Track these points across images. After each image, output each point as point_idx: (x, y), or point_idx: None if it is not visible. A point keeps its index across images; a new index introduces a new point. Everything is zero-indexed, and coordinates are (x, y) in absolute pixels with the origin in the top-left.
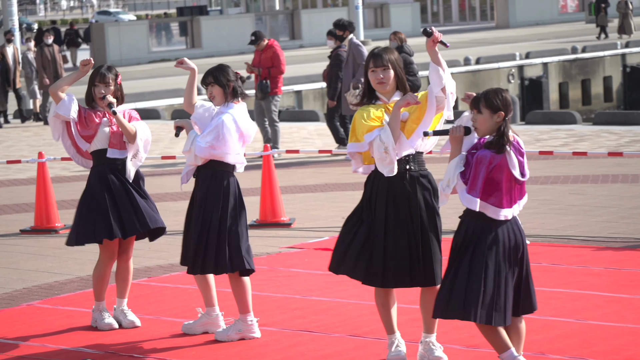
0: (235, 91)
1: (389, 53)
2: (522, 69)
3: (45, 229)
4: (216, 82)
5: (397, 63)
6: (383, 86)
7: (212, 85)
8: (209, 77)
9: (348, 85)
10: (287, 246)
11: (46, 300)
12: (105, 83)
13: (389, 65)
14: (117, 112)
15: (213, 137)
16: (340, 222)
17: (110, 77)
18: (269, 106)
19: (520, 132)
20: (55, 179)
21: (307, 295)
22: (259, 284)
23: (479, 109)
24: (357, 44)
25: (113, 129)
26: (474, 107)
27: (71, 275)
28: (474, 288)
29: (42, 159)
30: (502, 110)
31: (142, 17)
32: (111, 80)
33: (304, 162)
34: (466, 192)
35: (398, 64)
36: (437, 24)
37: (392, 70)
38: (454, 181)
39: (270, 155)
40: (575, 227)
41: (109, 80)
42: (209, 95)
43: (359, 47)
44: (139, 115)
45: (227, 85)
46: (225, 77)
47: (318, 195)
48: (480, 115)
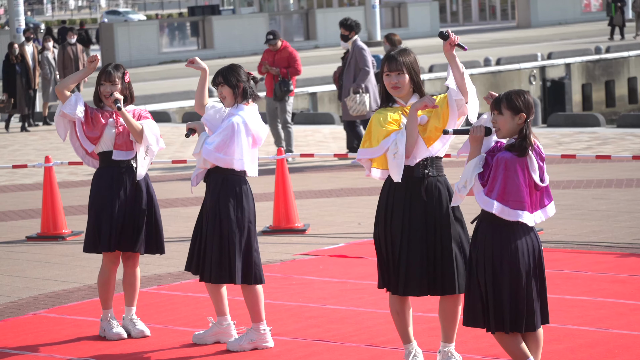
0: (246, 92)
1: (404, 56)
2: (544, 69)
3: (52, 235)
4: (226, 83)
5: (413, 66)
6: (398, 91)
7: (222, 86)
8: (219, 77)
9: (348, 90)
10: (301, 253)
11: (53, 309)
12: (112, 81)
13: (403, 69)
14: (123, 109)
15: (221, 140)
16: (356, 228)
17: (116, 76)
18: (284, 107)
19: (542, 134)
20: (63, 184)
21: (322, 303)
22: (272, 292)
23: (500, 110)
24: (361, 47)
25: (119, 129)
26: (494, 108)
27: (79, 283)
28: (496, 297)
29: (49, 164)
30: (523, 112)
31: (152, 17)
32: (117, 78)
33: (318, 167)
34: (484, 193)
35: (413, 67)
36: (456, 24)
37: (407, 75)
38: (471, 182)
39: (284, 159)
40: (599, 233)
41: (115, 78)
42: (220, 96)
43: (362, 50)
44: (150, 115)
45: (237, 86)
46: (235, 77)
47: (333, 201)
48: (501, 116)
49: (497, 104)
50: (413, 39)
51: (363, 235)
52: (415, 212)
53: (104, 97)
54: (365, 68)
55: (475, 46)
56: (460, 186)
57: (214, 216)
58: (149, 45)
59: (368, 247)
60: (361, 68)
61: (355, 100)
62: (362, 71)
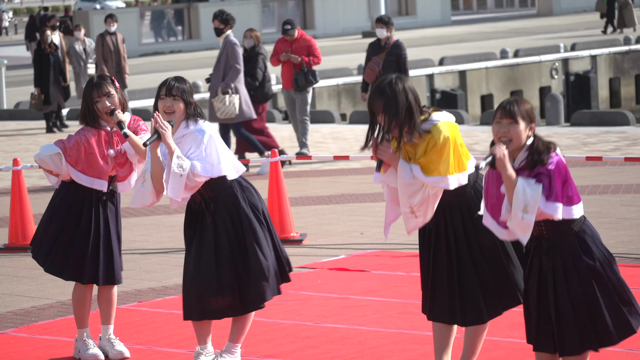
0: (197, 112)
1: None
2: (567, 62)
3: (20, 246)
4: (182, 98)
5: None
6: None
7: (176, 99)
8: (174, 90)
9: (216, 90)
10: (297, 266)
11: (22, 328)
12: (107, 94)
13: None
14: (130, 133)
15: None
16: (358, 238)
17: (107, 86)
18: (305, 99)
19: (565, 134)
20: (33, 189)
21: (320, 322)
22: (265, 310)
23: (515, 119)
24: (234, 42)
25: (119, 154)
26: (507, 117)
27: (50, 299)
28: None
29: (18, 167)
30: (534, 122)
31: (132, 4)
32: (111, 88)
33: (317, 170)
34: (546, 200)
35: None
36: (470, 12)
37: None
38: (536, 203)
39: (279, 162)
40: (628, 244)
41: (110, 89)
42: (167, 109)
43: (235, 46)
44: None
45: (190, 104)
46: (190, 94)
47: (333, 208)
48: (515, 125)
49: (510, 113)
50: (421, 28)
51: (366, 246)
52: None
53: (105, 114)
54: (236, 66)
55: (492, 36)
56: (518, 211)
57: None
58: (128, 36)
59: (371, 259)
60: (232, 66)
61: (223, 101)
62: (233, 69)
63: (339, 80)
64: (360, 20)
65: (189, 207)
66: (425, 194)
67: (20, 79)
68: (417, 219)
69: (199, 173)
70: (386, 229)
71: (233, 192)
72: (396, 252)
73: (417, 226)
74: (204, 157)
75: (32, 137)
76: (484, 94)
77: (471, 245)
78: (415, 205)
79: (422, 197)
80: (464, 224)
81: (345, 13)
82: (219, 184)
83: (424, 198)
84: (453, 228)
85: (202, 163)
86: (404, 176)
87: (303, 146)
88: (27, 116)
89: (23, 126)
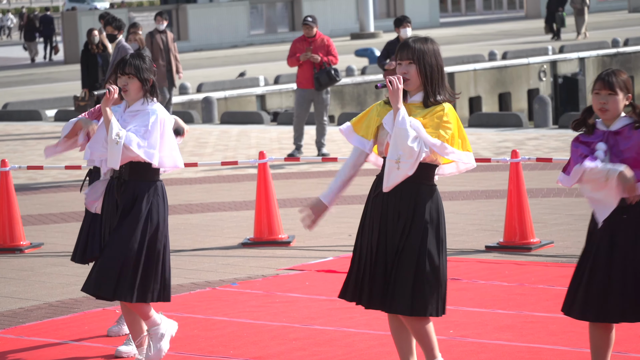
0: (154, 89)
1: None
2: (556, 64)
3: (8, 247)
4: (136, 75)
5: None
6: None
7: (130, 77)
8: (129, 67)
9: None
10: (285, 267)
11: (9, 330)
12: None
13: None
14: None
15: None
16: (346, 239)
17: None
18: (324, 100)
19: (553, 136)
20: (20, 190)
21: (308, 323)
22: (253, 311)
23: (614, 89)
24: (127, 47)
25: None
26: (607, 88)
27: (38, 300)
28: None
29: (5, 168)
30: (630, 92)
31: (118, 5)
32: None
33: (305, 172)
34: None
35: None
36: (458, 14)
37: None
38: (615, 171)
39: (266, 164)
40: None
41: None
42: (122, 87)
43: (128, 51)
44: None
45: (147, 81)
46: (147, 70)
47: None
48: (613, 96)
49: (609, 84)
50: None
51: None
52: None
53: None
54: None
55: (480, 38)
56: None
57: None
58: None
59: None
60: None
61: None
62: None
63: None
64: (348, 22)
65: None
66: (417, 146)
67: (7, 79)
68: (398, 171)
69: (130, 146)
70: None
71: (154, 187)
72: None
73: (396, 181)
74: (142, 134)
75: (21, 139)
76: (472, 96)
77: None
78: (403, 155)
79: (411, 149)
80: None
81: (333, 15)
82: (143, 170)
83: (412, 150)
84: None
85: (139, 139)
86: (401, 121)
87: (322, 147)
88: (14, 117)
89: (11, 127)
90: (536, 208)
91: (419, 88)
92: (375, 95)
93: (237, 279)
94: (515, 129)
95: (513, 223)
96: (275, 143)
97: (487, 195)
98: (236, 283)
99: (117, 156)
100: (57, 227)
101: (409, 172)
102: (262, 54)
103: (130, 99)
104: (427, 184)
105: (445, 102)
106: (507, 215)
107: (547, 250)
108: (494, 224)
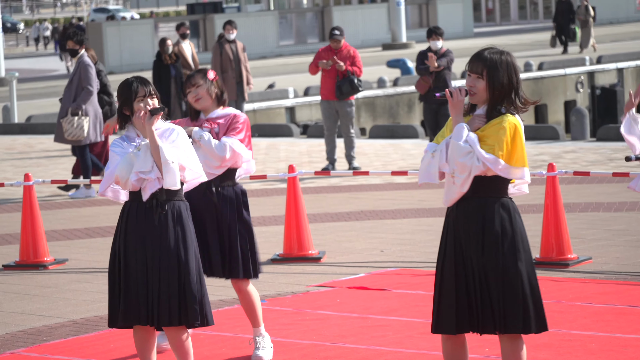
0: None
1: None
2: (593, 75)
3: (31, 263)
4: (156, 95)
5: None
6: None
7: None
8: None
9: (66, 110)
10: (315, 284)
11: (33, 348)
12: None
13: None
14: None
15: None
16: (378, 255)
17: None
18: (347, 112)
19: (591, 149)
20: (44, 205)
21: (339, 342)
22: (283, 329)
23: None
24: (88, 63)
25: None
26: None
27: (62, 318)
28: None
29: (29, 182)
30: None
31: (147, 15)
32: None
33: (335, 186)
34: None
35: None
36: (493, 24)
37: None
38: None
39: (296, 178)
40: None
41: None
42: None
43: (89, 67)
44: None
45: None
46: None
47: (352, 225)
48: None
49: None
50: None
51: (386, 265)
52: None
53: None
54: (88, 87)
55: (514, 49)
56: None
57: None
58: (142, 48)
59: (391, 278)
60: (84, 87)
61: (72, 122)
62: (85, 91)
63: (358, 94)
64: (380, 33)
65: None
66: (469, 162)
67: (32, 92)
68: (454, 185)
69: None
70: None
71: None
72: (417, 270)
73: (453, 197)
74: (187, 154)
75: (44, 151)
76: None
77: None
78: (457, 170)
79: (463, 165)
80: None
81: (364, 25)
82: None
83: (464, 166)
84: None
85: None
86: (457, 135)
87: (352, 160)
88: (38, 130)
89: (35, 140)
90: (574, 223)
91: (486, 101)
92: (408, 107)
93: (266, 295)
94: (552, 142)
95: (550, 238)
96: (305, 156)
97: (523, 210)
98: (265, 300)
99: (176, 176)
100: (82, 242)
101: (462, 188)
102: (292, 65)
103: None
104: (494, 197)
105: (510, 113)
106: (544, 230)
107: (585, 266)
108: (531, 240)
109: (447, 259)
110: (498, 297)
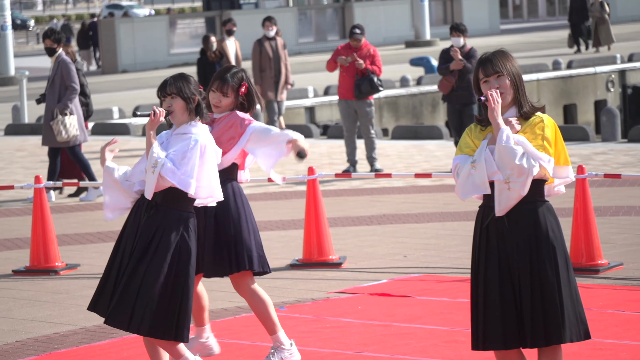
0: (200, 108)
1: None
2: (624, 74)
3: (42, 269)
4: (179, 94)
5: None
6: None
7: (173, 97)
8: (170, 87)
9: (52, 112)
10: (336, 291)
11: (44, 356)
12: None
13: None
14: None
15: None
16: (401, 261)
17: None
18: (366, 111)
19: (622, 151)
20: (55, 208)
21: (361, 350)
22: (303, 337)
23: None
24: (68, 61)
25: None
26: None
27: (74, 325)
28: None
29: (40, 185)
30: None
31: (162, 11)
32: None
33: (357, 189)
34: None
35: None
36: (520, 20)
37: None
38: None
39: (316, 180)
40: None
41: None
42: (167, 109)
43: (70, 65)
44: None
45: (191, 99)
46: (189, 88)
47: (374, 229)
48: None
49: None
50: (469, 37)
51: (409, 270)
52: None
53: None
54: (73, 85)
55: (543, 46)
56: None
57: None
58: (156, 46)
59: (415, 284)
60: (68, 85)
61: (64, 123)
62: (70, 89)
63: (381, 93)
64: (403, 30)
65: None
66: (527, 163)
67: (42, 91)
68: (509, 191)
69: (166, 176)
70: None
71: (185, 218)
72: (441, 276)
73: (510, 203)
74: (178, 160)
75: None
76: None
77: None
78: (512, 174)
79: (520, 167)
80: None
81: (387, 22)
82: (176, 198)
83: (522, 168)
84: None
85: (175, 167)
86: (503, 138)
87: (374, 161)
88: None
89: None
90: (604, 227)
91: (513, 102)
92: (432, 107)
93: (286, 302)
94: (582, 143)
95: (580, 243)
96: (325, 158)
97: None
98: (284, 307)
99: (151, 186)
100: (94, 247)
101: (522, 192)
102: (311, 63)
103: (176, 121)
104: (540, 200)
105: (538, 111)
106: (573, 234)
107: (616, 272)
108: None
109: (490, 267)
110: (554, 307)
